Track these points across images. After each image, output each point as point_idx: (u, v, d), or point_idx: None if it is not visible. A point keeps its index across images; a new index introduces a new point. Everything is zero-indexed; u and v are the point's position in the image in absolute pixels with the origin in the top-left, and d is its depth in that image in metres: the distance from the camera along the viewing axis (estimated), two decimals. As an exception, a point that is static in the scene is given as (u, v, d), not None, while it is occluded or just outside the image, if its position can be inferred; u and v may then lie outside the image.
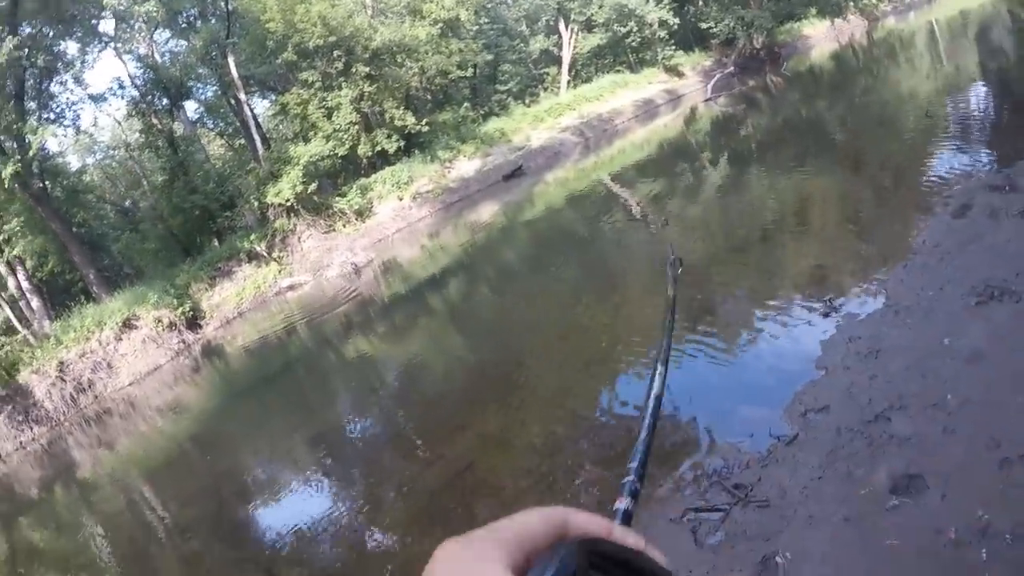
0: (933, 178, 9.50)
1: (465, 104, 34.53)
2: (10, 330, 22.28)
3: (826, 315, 6.67)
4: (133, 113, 28.28)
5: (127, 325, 18.05)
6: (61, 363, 16.84)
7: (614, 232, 14.51)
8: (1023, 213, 6.83)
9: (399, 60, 29.40)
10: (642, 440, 0.91)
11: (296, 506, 7.42)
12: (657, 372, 1.08)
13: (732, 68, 36.58)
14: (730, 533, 4.25)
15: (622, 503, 0.78)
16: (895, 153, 11.88)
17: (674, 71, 38.91)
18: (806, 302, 7.20)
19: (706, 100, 31.39)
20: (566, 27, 38.26)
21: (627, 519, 0.76)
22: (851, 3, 42.61)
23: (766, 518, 4.22)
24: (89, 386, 16.88)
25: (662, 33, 38.15)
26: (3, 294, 24.63)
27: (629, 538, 0.59)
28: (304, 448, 9.24)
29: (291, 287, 21.36)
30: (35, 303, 24.29)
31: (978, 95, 14.48)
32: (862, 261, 7.82)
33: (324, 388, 11.87)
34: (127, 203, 34.85)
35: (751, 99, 28.73)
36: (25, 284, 24.62)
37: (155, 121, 26.99)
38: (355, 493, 7.50)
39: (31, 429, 15.75)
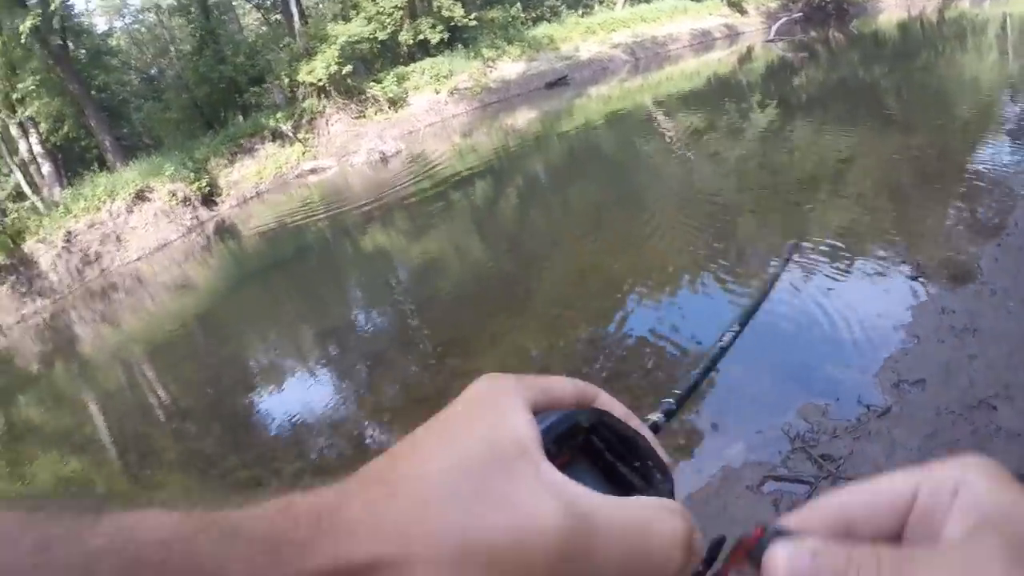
0: (1007, 164, 8.91)
1: (517, 4, 33.06)
2: (20, 196, 21.45)
3: (914, 279, 6.20)
4: (168, -29, 26.90)
5: (140, 197, 17.31)
6: (68, 233, 16.14)
7: (648, 159, 14.07)
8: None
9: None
10: (693, 376, 0.86)
11: (297, 398, 7.21)
12: (732, 328, 0.95)
13: (799, 15, 35.19)
14: None
15: (654, 415, 0.74)
16: (961, 132, 11.12)
17: (737, 6, 37.14)
18: (891, 261, 6.73)
19: (766, 41, 30.26)
20: (634, -61, 36.26)
21: (654, 430, 0.70)
22: None
23: None
24: (96, 259, 16.23)
25: (732, -36, 36.13)
26: (14, 158, 23.20)
27: (644, 429, 0.60)
28: (310, 340, 8.95)
29: (313, 171, 20.62)
30: (46, 168, 23.23)
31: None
32: (947, 229, 7.27)
33: (336, 279, 11.43)
34: (153, 71, 33.73)
35: (811, 50, 27.74)
36: (37, 148, 23.39)
37: (190, -18, 25.70)
38: (358, 391, 7.15)
39: (34, 301, 15.14)
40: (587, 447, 0.55)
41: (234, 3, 31.64)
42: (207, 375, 8.70)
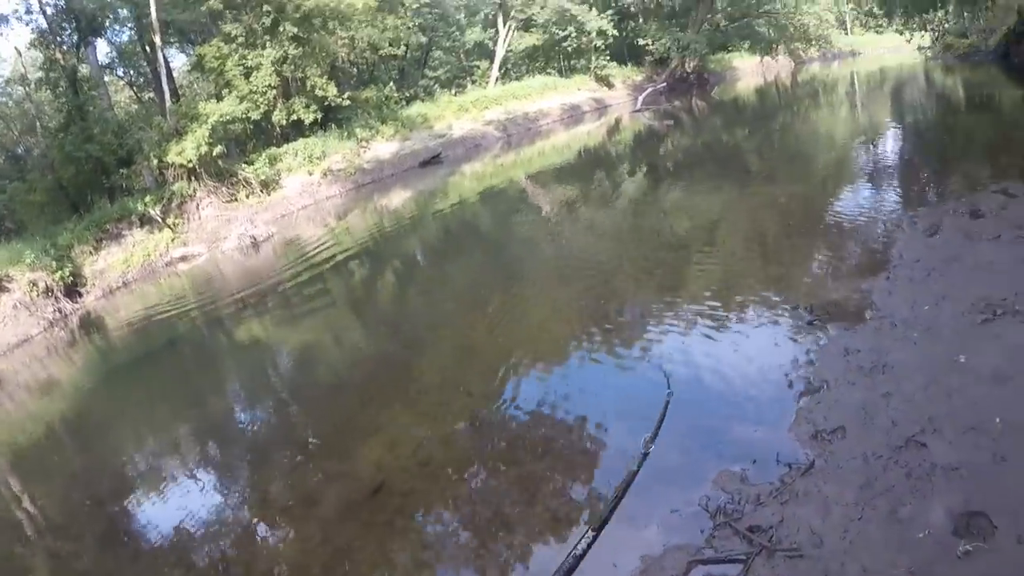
0: (873, 205, 9.88)
1: (391, 84, 33.59)
2: None
3: (811, 323, 6.41)
4: (37, 44, 25.66)
5: (-3, 287, 16.52)
6: None
7: (523, 234, 14.60)
8: (998, 237, 6.96)
9: (330, 26, 28.26)
10: None
11: (174, 504, 6.95)
12: (586, 536, 1.29)
13: (663, 85, 38.08)
14: None
15: None
16: (824, 181, 12.20)
17: (604, 81, 39.83)
18: (781, 310, 6.94)
19: (633, 111, 32.43)
20: (504, 23, 38.13)
21: None
22: (781, 44, 44.44)
23: (804, 574, 3.58)
24: (-53, 360, 15.25)
25: (599, 42, 38.79)
26: None
27: None
28: (185, 441, 8.71)
29: (184, 258, 20.20)
30: None
31: (894, 140, 15.12)
32: (831, 271, 7.75)
33: (211, 374, 11.24)
34: (19, 149, 32.39)
35: (676, 117, 29.56)
36: None
37: (59, 56, 24.69)
38: (238, 495, 6.96)
39: None
40: None
41: (106, 79, 30.79)
42: (78, 483, 8.34)
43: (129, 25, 28.90)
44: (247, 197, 23.51)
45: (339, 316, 12.25)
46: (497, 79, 38.15)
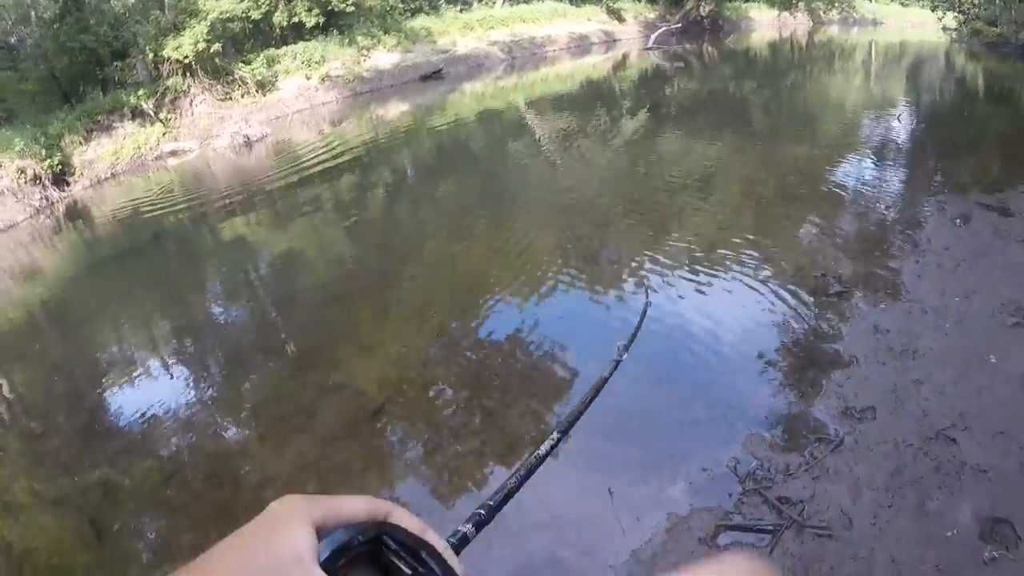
0: (890, 183, 9.52)
1: (397, -6, 32.78)
2: None
3: (839, 294, 6.26)
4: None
5: (-14, 173, 16.24)
6: None
7: (518, 160, 14.44)
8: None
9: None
10: (507, 485, 0.87)
11: (150, 396, 6.97)
12: (552, 437, 1.03)
13: (676, 26, 37.40)
14: (787, 569, 3.50)
15: (465, 527, 0.77)
16: (834, 147, 11.93)
17: (616, 14, 38.80)
18: (810, 276, 6.72)
19: (644, 49, 31.76)
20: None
21: (462, 543, 0.75)
22: (802, 2, 43.91)
23: (833, 554, 3.53)
24: (-70, 241, 15.07)
25: (615, -26, 37.35)
26: None
27: (437, 541, 0.66)
28: (164, 335, 8.70)
29: (174, 153, 19.89)
30: None
31: (911, 119, 14.62)
32: (856, 242, 7.56)
33: (195, 271, 11.21)
34: (13, 39, 31.62)
35: (685, 61, 28.95)
36: None
37: (56, -59, 24.09)
38: (215, 394, 6.94)
39: None
40: (375, 556, 0.64)
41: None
42: (54, 369, 8.36)
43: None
44: (242, 97, 23.05)
45: (327, 223, 12.15)
46: (505, 0, 37.23)
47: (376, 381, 6.19)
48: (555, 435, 1.05)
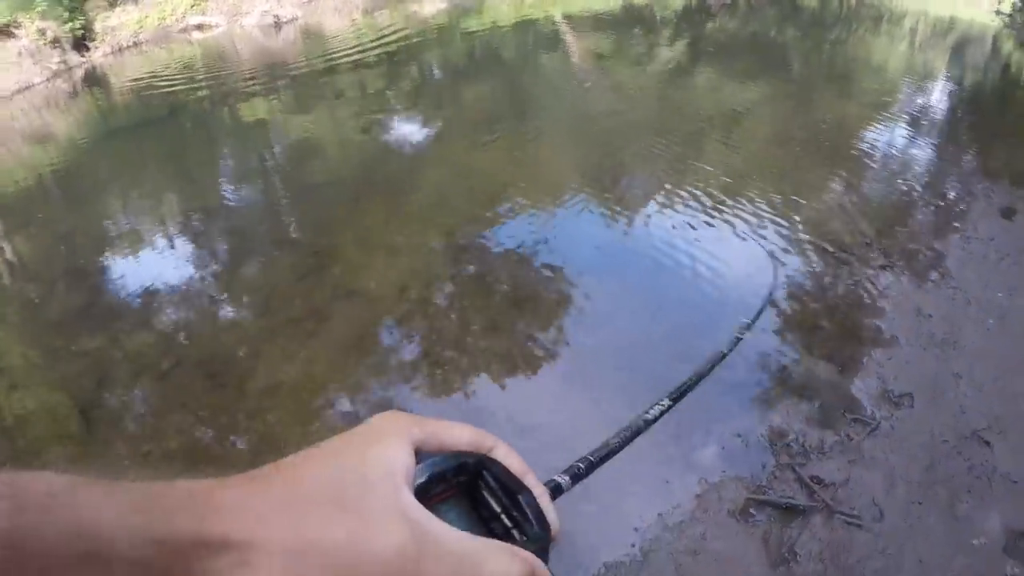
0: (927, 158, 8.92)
1: None
2: None
3: (884, 267, 5.86)
4: None
5: (4, 32, 15.54)
6: None
7: (548, 76, 13.90)
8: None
9: None
10: (611, 444, 0.83)
11: (152, 269, 6.93)
12: (661, 402, 0.94)
13: None
14: (814, 555, 3.34)
15: (560, 477, 0.73)
16: (875, 109, 11.15)
17: None
18: (855, 242, 6.30)
19: None
20: None
21: (555, 492, 0.70)
22: None
23: (862, 546, 3.37)
24: (-56, 96, 14.60)
25: None
26: None
27: (536, 485, 0.63)
28: (174, 210, 8.50)
29: (200, 27, 19.21)
30: None
31: (953, 97, 13.65)
32: (898, 214, 7.05)
33: (211, 151, 10.86)
34: None
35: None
36: None
37: None
38: (219, 276, 6.83)
39: None
40: (471, 490, 0.61)
41: None
42: (57, 235, 8.19)
43: None
44: (275, -25, 22.21)
45: (349, 116, 11.63)
46: None
47: (393, 289, 5.89)
48: (666, 402, 0.96)
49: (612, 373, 4.77)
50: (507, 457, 0.64)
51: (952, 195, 7.64)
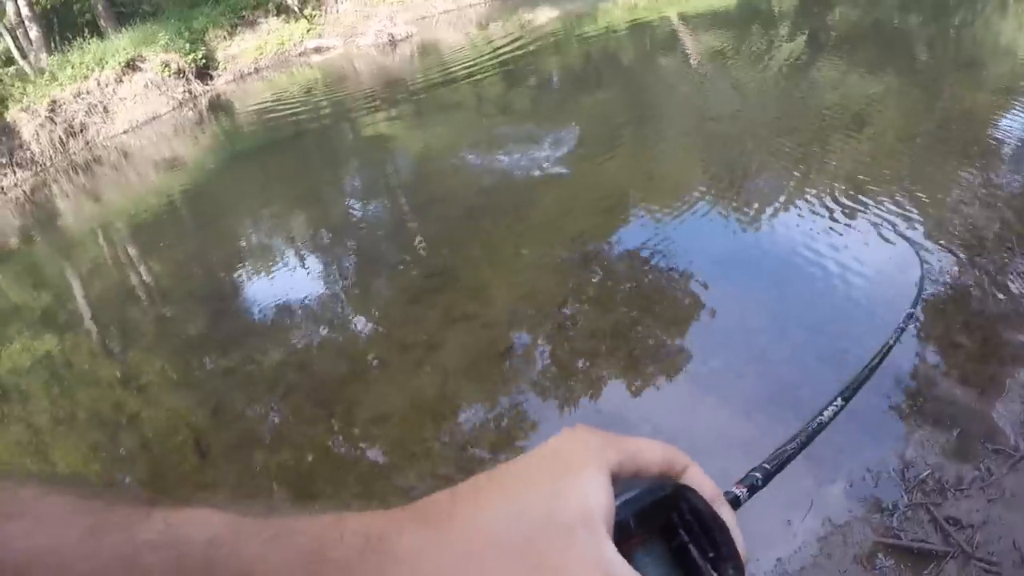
0: None
1: None
2: (9, 61, 19.69)
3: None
4: None
5: (131, 67, 16.32)
6: (53, 102, 15.20)
7: (666, 79, 13.40)
8: None
9: None
10: (786, 451, 0.76)
11: (281, 289, 6.97)
12: (834, 403, 0.85)
13: None
14: None
15: (737, 489, 0.67)
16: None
17: None
18: (998, 246, 5.48)
19: None
20: None
21: (734, 504, 0.63)
22: None
23: None
24: (81, 130, 15.38)
25: None
26: (2, 20, 20.65)
27: (726, 512, 0.55)
28: (300, 231, 8.64)
29: (317, 50, 19.69)
30: (34, 33, 20.56)
31: None
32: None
33: (334, 171, 10.83)
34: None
35: None
36: (25, 11, 20.45)
37: None
38: (345, 294, 6.81)
39: (14, 173, 14.37)
40: (665, 525, 0.53)
41: None
42: (191, 256, 8.44)
43: None
44: (388, -5, 22.58)
45: (469, 129, 11.42)
46: None
47: (507, 314, 5.56)
48: (839, 401, 0.84)
49: (752, 380, 4.38)
50: (700, 482, 0.54)
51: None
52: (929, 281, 5.21)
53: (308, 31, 20.32)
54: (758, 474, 0.71)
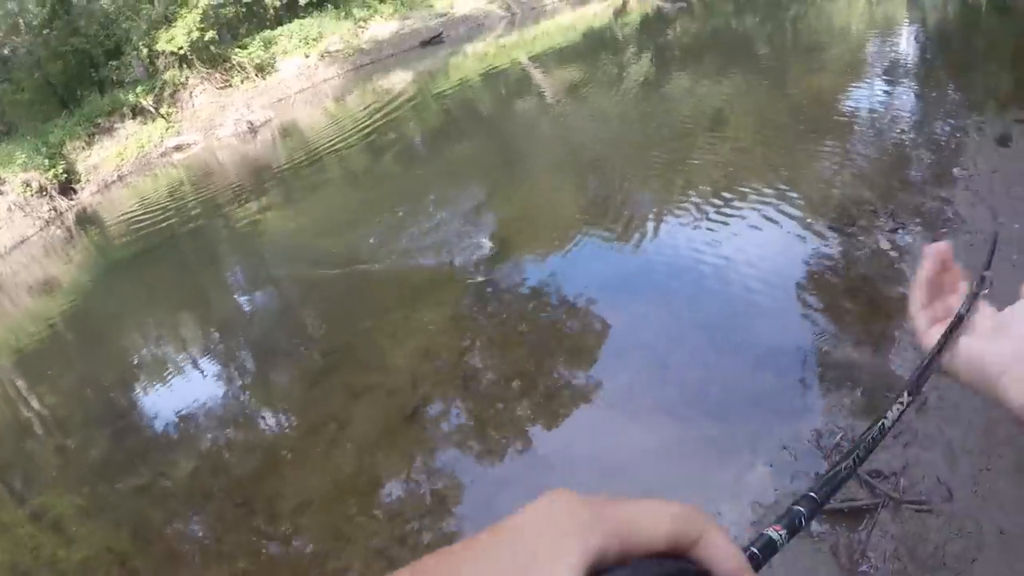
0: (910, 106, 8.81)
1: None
2: None
3: (893, 230, 5.64)
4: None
5: (-10, 191, 15.97)
6: None
7: (525, 118, 13.91)
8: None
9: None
10: (840, 471, 0.64)
11: (181, 397, 6.85)
12: (899, 399, 0.77)
13: None
14: (889, 555, 3.12)
15: (772, 532, 0.52)
16: (851, 73, 11.12)
17: None
18: (861, 211, 6.06)
19: None
20: None
21: (767, 552, 0.51)
22: None
23: (936, 531, 3.16)
24: (-57, 264, 14.84)
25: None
26: None
27: None
28: (189, 336, 8.61)
29: (179, 147, 19.57)
30: None
31: (921, 40, 13.56)
32: (898, 172, 6.85)
33: (213, 268, 10.91)
34: (4, 50, 31.21)
35: (687, 1, 27.80)
36: None
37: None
38: (245, 391, 6.85)
39: None
40: None
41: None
42: (82, 380, 8.25)
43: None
44: (242, 82, 22.64)
45: (342, 204, 11.68)
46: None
47: (407, 376, 5.77)
48: (905, 397, 0.79)
49: (660, 389, 4.65)
50: (718, 556, 0.42)
51: (946, 139, 7.47)
52: (809, 255, 5.73)
53: (167, 130, 20.17)
54: (802, 508, 0.58)
